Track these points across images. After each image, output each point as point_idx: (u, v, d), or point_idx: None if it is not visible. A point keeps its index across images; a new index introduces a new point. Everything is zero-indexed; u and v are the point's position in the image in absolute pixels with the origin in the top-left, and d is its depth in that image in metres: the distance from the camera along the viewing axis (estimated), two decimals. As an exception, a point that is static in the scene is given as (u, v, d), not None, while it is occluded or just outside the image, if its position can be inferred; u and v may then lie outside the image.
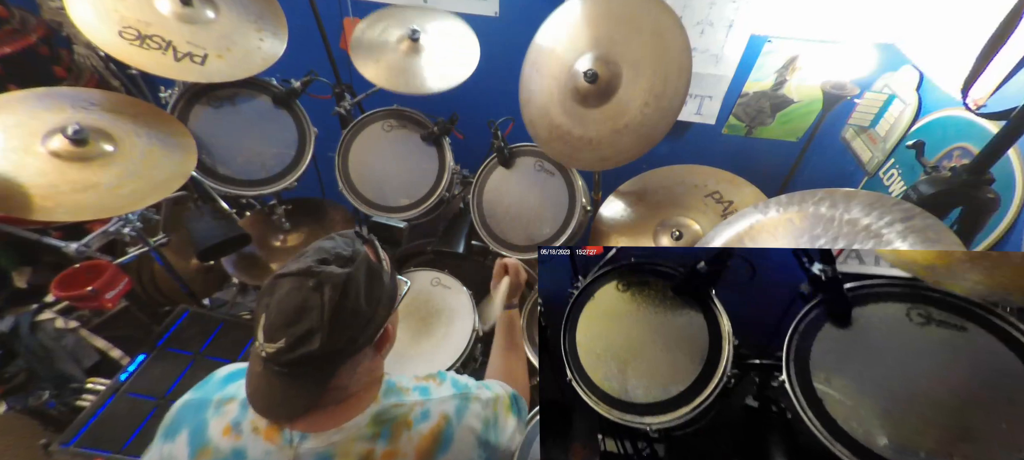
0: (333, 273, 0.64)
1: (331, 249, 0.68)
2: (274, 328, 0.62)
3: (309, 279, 0.63)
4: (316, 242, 0.70)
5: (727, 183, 1.45)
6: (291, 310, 0.62)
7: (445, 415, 0.75)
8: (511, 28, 1.93)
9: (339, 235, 0.73)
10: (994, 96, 1.06)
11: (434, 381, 0.81)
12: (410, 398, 0.75)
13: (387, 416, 0.72)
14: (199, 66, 1.32)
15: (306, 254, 0.67)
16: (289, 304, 0.62)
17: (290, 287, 0.63)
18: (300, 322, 0.61)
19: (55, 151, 1.10)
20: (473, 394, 0.81)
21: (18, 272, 1.81)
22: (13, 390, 1.32)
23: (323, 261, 0.65)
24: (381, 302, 0.71)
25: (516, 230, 1.60)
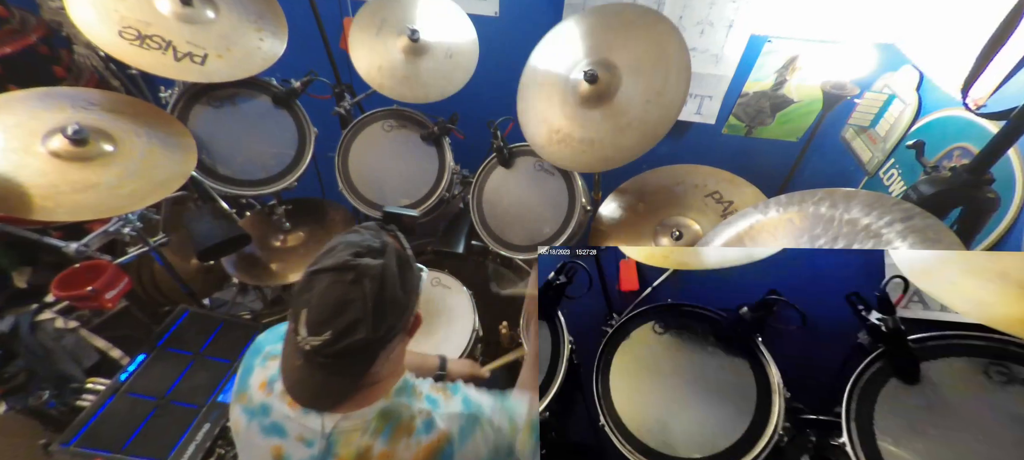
0: (370, 265, 0.66)
1: (361, 242, 0.69)
2: (318, 322, 0.63)
3: (347, 273, 0.64)
4: (341, 237, 0.71)
5: (727, 183, 1.44)
6: (334, 304, 0.64)
7: (447, 434, 0.73)
8: (511, 28, 1.93)
9: (364, 228, 0.74)
10: (994, 96, 1.06)
11: (445, 395, 0.80)
12: (419, 404, 0.75)
13: (393, 414, 0.72)
14: (199, 66, 1.32)
15: (336, 249, 0.68)
16: (331, 298, 0.64)
17: (330, 282, 0.64)
18: (343, 314, 0.63)
19: (55, 151, 1.10)
20: (485, 418, 0.78)
21: (18, 272, 1.81)
22: (13, 390, 1.32)
23: (357, 254, 0.67)
24: (414, 288, 0.74)
25: (516, 230, 1.60)
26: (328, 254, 0.68)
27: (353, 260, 0.66)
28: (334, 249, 0.69)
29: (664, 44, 1.32)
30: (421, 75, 1.58)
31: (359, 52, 1.59)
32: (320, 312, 0.64)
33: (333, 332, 0.63)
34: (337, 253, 0.67)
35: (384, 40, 1.60)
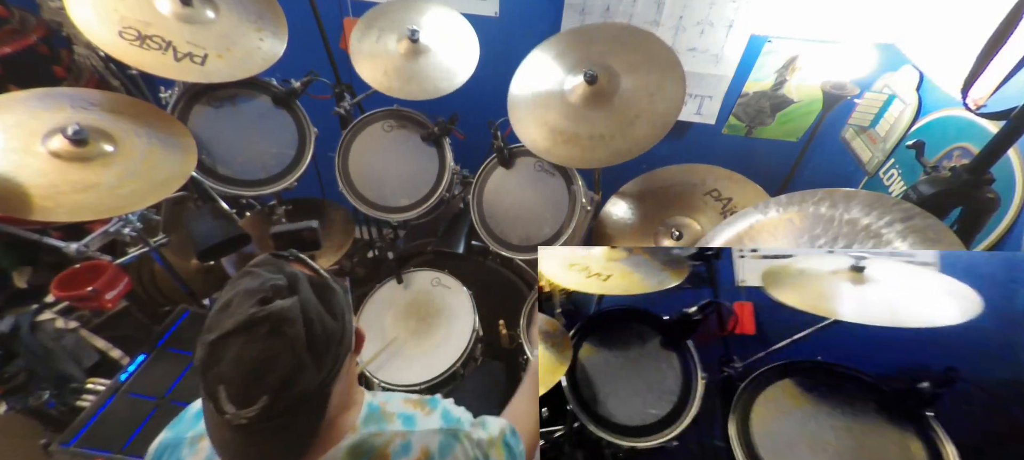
0: (282, 307, 0.56)
1: (262, 286, 0.57)
2: (246, 391, 0.54)
3: (260, 327, 0.54)
4: (233, 286, 0.59)
5: (725, 180, 1.45)
6: (256, 367, 0.54)
7: (427, 451, 0.69)
8: (511, 28, 1.93)
9: (259, 267, 0.62)
10: (994, 96, 1.06)
11: (423, 410, 0.75)
12: (392, 427, 0.70)
13: (365, 448, 0.66)
14: (199, 66, 1.32)
15: (232, 305, 0.56)
16: (249, 362, 0.54)
17: (241, 346, 0.54)
18: (274, 372, 0.54)
19: (55, 151, 1.10)
20: (464, 432, 0.74)
21: (18, 272, 1.81)
22: (13, 390, 1.32)
23: (263, 301, 0.56)
24: (343, 309, 0.65)
25: (516, 230, 1.60)
26: (224, 313, 0.56)
27: (260, 311, 0.55)
28: (230, 306, 0.56)
29: (649, 46, 1.39)
30: (424, 72, 1.58)
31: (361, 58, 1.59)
32: (243, 381, 0.54)
33: (270, 395, 0.54)
34: (236, 310, 0.55)
35: (384, 43, 1.60)
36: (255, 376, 0.54)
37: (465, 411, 0.80)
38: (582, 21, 1.89)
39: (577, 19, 1.89)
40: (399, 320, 1.61)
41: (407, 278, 1.70)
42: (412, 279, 1.70)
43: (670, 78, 1.33)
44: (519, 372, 1.63)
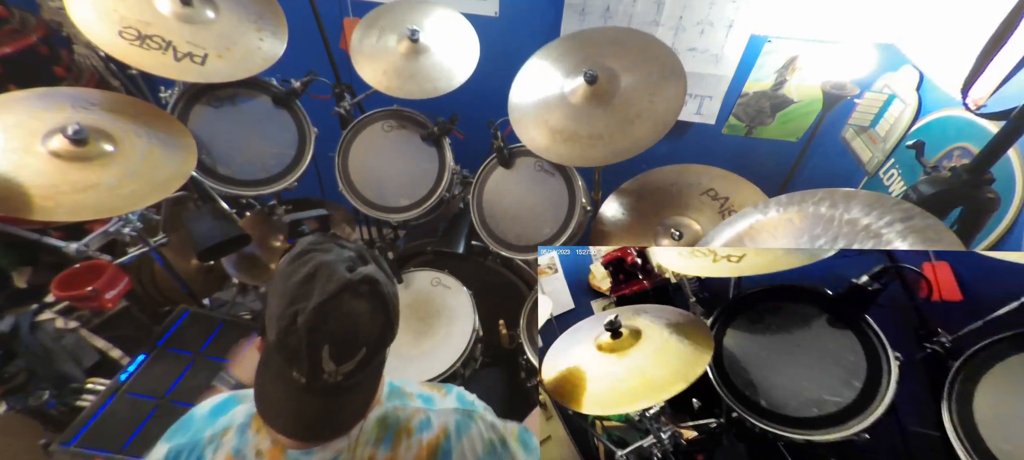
0: (372, 273, 0.63)
1: (342, 257, 0.63)
2: (350, 344, 0.60)
3: (360, 287, 0.61)
4: (311, 261, 0.62)
5: (721, 179, 1.45)
6: (360, 319, 0.61)
7: (445, 428, 0.73)
8: (511, 28, 1.93)
9: (321, 244, 0.66)
10: (994, 96, 1.06)
11: (440, 392, 0.79)
12: (413, 403, 0.74)
13: (391, 420, 0.71)
14: (199, 66, 1.32)
15: (318, 275, 0.60)
16: (356, 316, 0.60)
17: (347, 304, 0.60)
18: (373, 324, 0.62)
19: (55, 151, 1.10)
20: (478, 413, 0.78)
21: (18, 272, 1.81)
22: (13, 390, 1.31)
23: (351, 268, 0.62)
24: (393, 276, 0.71)
25: (516, 230, 1.60)
26: (312, 285, 0.59)
27: (357, 274, 0.61)
28: (315, 276, 0.60)
29: (648, 48, 1.39)
30: (424, 72, 1.58)
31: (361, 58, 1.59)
32: (349, 335, 0.60)
33: (368, 348, 0.61)
34: (329, 277, 0.60)
35: (384, 43, 1.60)
36: (359, 330, 0.61)
37: (476, 398, 0.83)
38: (582, 21, 1.89)
39: (577, 19, 1.89)
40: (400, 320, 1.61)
41: (407, 278, 1.70)
42: (412, 279, 1.70)
43: (671, 79, 1.34)
44: (519, 373, 1.63)
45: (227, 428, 0.70)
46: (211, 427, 0.71)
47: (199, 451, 0.69)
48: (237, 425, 0.69)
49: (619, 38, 1.47)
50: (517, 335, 1.57)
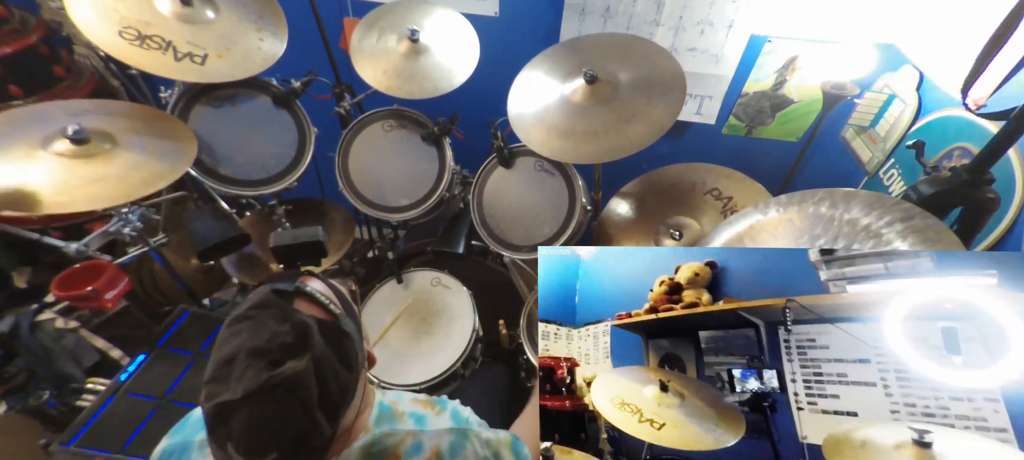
0: (296, 371, 0.53)
1: (271, 344, 0.54)
2: (256, 448, 0.53)
3: (273, 393, 0.52)
4: (239, 337, 0.56)
5: (725, 178, 1.45)
6: (270, 428, 0.53)
7: (438, 451, 0.69)
8: (511, 28, 1.93)
9: (259, 312, 0.58)
10: (994, 96, 1.06)
11: (433, 410, 0.76)
12: (403, 426, 0.71)
13: (377, 447, 0.67)
14: (199, 66, 1.32)
15: (236, 363, 0.54)
16: (264, 423, 0.53)
17: (252, 411, 0.52)
18: (286, 431, 0.53)
19: (59, 153, 1.12)
20: (473, 431, 0.74)
21: (18, 272, 1.81)
22: (13, 390, 1.32)
23: (273, 364, 0.53)
24: (358, 353, 0.63)
25: (516, 230, 1.60)
26: (229, 370, 0.54)
27: (273, 377, 0.52)
28: (234, 362, 0.54)
29: (647, 52, 1.41)
30: (424, 72, 1.58)
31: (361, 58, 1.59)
32: (254, 441, 0.52)
33: (280, 452, 0.53)
34: (244, 371, 0.53)
35: (384, 43, 1.61)
36: (266, 437, 0.53)
37: (471, 412, 0.81)
38: (582, 21, 1.89)
39: (577, 19, 1.89)
40: (399, 320, 1.61)
41: (407, 278, 1.70)
42: (412, 279, 1.70)
43: (669, 90, 1.35)
44: (519, 373, 1.63)
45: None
46: (200, 433, 0.71)
47: (189, 453, 0.69)
48: None
49: (620, 44, 1.47)
50: (517, 335, 1.57)
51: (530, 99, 1.49)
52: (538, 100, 1.47)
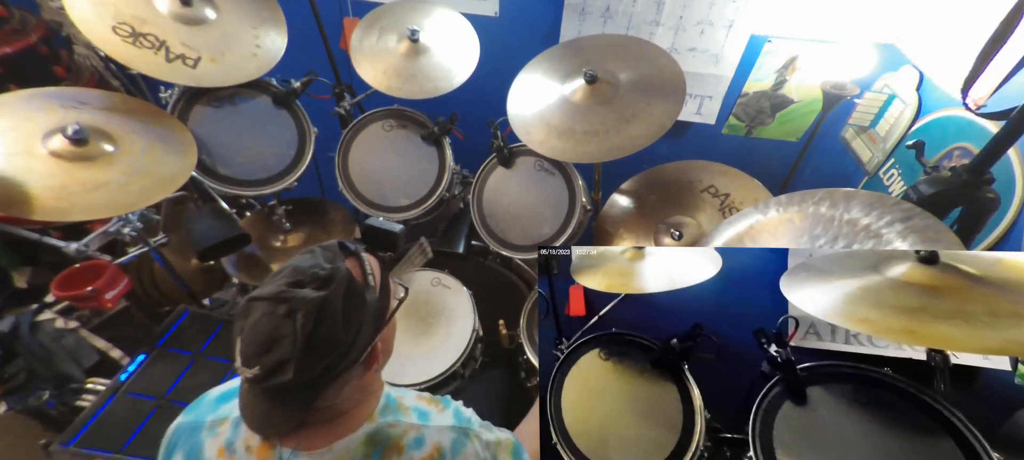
0: (306, 297, 0.59)
1: (308, 269, 0.62)
2: (248, 355, 0.59)
3: (280, 305, 0.59)
4: (294, 258, 0.65)
5: (721, 175, 1.45)
6: (263, 338, 0.58)
7: (439, 447, 0.71)
8: (511, 28, 1.93)
9: (321, 248, 0.67)
10: (994, 96, 1.06)
11: (437, 406, 0.78)
12: (407, 419, 0.73)
13: (381, 437, 0.69)
14: (190, 69, 1.31)
15: (281, 273, 0.63)
16: (261, 331, 0.58)
17: (262, 312, 0.59)
18: (272, 351, 0.58)
19: (56, 152, 1.10)
20: (474, 432, 0.76)
21: (18, 272, 1.81)
22: (13, 390, 1.32)
23: (297, 283, 0.60)
24: (363, 324, 0.65)
25: (516, 230, 1.60)
26: (272, 278, 0.63)
27: (288, 291, 0.59)
28: (280, 273, 0.63)
29: (646, 51, 1.41)
30: (424, 72, 1.58)
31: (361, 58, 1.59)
32: (250, 344, 0.59)
33: (260, 368, 0.58)
34: (278, 279, 0.61)
35: (384, 43, 1.60)
36: (256, 346, 0.59)
37: (473, 413, 0.82)
38: (582, 21, 1.89)
39: (577, 19, 1.89)
40: (399, 320, 1.60)
41: (407, 278, 1.70)
42: (412, 279, 1.70)
43: (671, 87, 1.35)
44: (519, 373, 1.63)
45: (226, 419, 0.71)
46: (214, 413, 0.73)
47: (199, 433, 0.72)
48: (233, 417, 0.70)
49: (617, 44, 1.47)
50: (517, 335, 1.57)
51: (530, 99, 1.48)
52: (538, 100, 1.47)
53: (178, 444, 0.72)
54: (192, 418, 0.74)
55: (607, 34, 1.86)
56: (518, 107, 1.48)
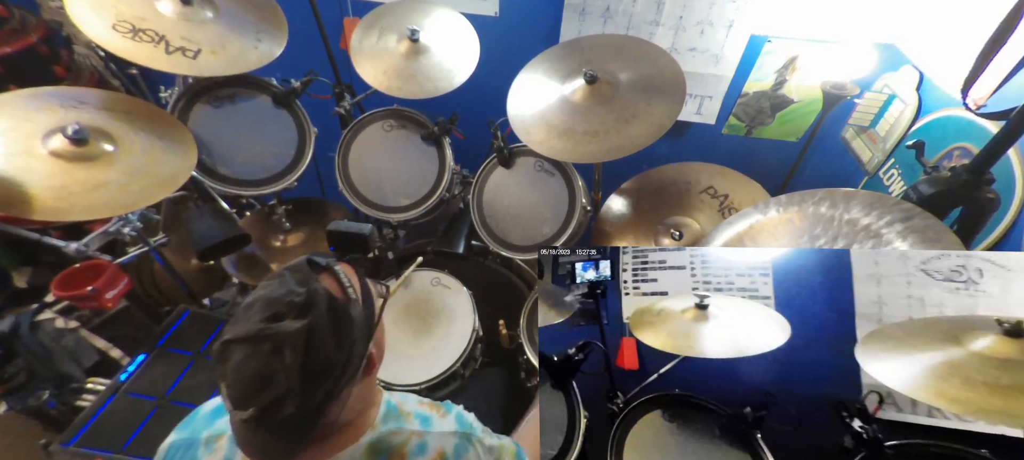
0: (288, 331, 0.56)
1: (282, 298, 0.58)
2: (239, 398, 0.56)
3: (263, 343, 0.55)
4: (262, 288, 0.61)
5: (719, 177, 1.45)
6: (252, 379, 0.55)
7: (442, 453, 0.71)
8: (511, 28, 1.93)
9: (289, 272, 0.63)
10: (994, 96, 1.06)
11: (438, 412, 0.77)
12: (409, 426, 0.72)
13: (383, 445, 0.68)
14: (190, 60, 1.30)
15: (252, 308, 0.58)
16: (247, 373, 0.55)
17: (244, 354, 0.56)
18: (266, 390, 0.55)
19: (56, 151, 1.10)
20: (477, 437, 0.76)
21: (18, 272, 1.81)
22: (13, 390, 1.32)
23: (274, 317, 0.57)
24: (355, 339, 0.63)
25: (516, 230, 1.60)
26: (243, 315, 0.58)
27: (267, 327, 0.56)
28: (251, 307, 0.58)
29: (648, 52, 1.40)
30: (424, 72, 1.58)
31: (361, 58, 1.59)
32: (239, 388, 0.56)
33: (256, 409, 0.55)
34: (250, 315, 0.57)
35: (384, 43, 1.60)
36: (248, 388, 0.56)
37: (475, 419, 0.81)
38: (582, 21, 1.89)
39: (577, 19, 1.89)
40: (399, 320, 1.61)
41: (407, 278, 1.70)
42: (412, 279, 1.70)
43: (671, 87, 1.35)
44: (519, 373, 1.63)
45: (222, 434, 0.70)
46: (209, 428, 0.72)
47: (195, 449, 0.70)
48: (230, 433, 0.68)
49: (619, 44, 1.47)
50: (517, 335, 1.57)
51: (530, 99, 1.48)
52: (538, 100, 1.47)
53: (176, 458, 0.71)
54: (186, 434, 0.73)
55: (607, 34, 1.86)
56: (519, 107, 1.48)
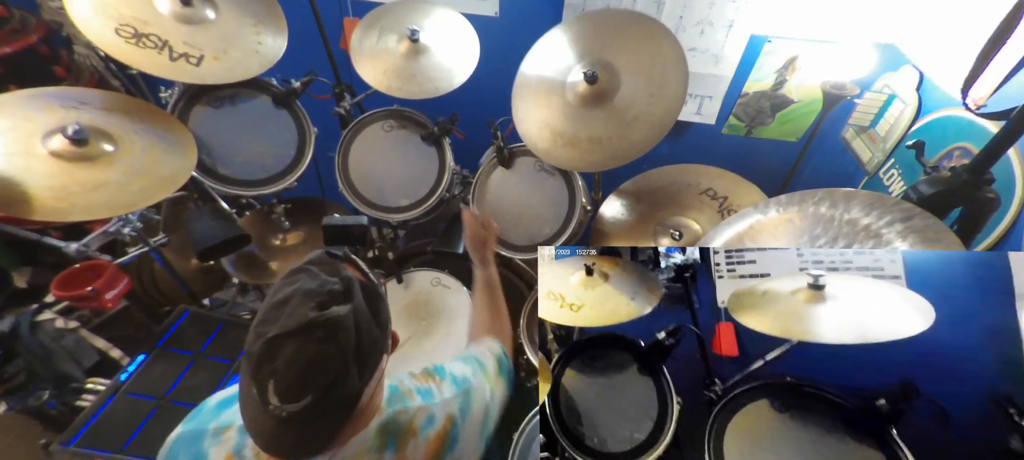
0: (340, 315, 0.59)
1: (321, 289, 0.60)
2: (295, 388, 0.56)
3: (316, 331, 0.57)
4: (291, 282, 0.62)
5: (719, 178, 1.45)
6: (309, 367, 0.57)
7: (451, 417, 0.75)
8: (511, 28, 1.93)
9: (315, 265, 0.65)
10: (994, 96, 1.06)
11: (434, 381, 0.81)
12: (414, 403, 0.75)
13: (393, 426, 0.71)
14: (194, 67, 1.31)
15: (291, 302, 0.59)
16: (304, 362, 0.57)
17: (297, 346, 0.57)
18: (323, 374, 0.57)
19: (56, 152, 1.10)
20: (473, 386, 0.82)
21: (18, 272, 1.81)
22: (13, 390, 1.31)
23: (321, 305, 0.59)
24: (387, 316, 0.68)
25: (516, 230, 1.60)
26: (281, 310, 0.58)
27: (320, 316, 0.57)
28: (288, 302, 0.59)
29: (657, 41, 1.36)
30: (424, 72, 1.58)
31: (361, 58, 1.59)
32: (294, 379, 0.56)
33: (315, 395, 0.56)
34: (295, 309, 0.58)
35: (384, 43, 1.61)
36: (306, 376, 0.56)
37: (462, 364, 0.87)
38: (582, 21, 1.88)
39: (577, 19, 1.88)
40: (399, 320, 1.61)
41: (407, 278, 1.70)
42: (412, 279, 1.70)
43: (673, 71, 1.34)
44: (519, 372, 1.63)
45: (230, 425, 0.71)
46: (216, 420, 0.73)
47: (202, 441, 0.71)
48: (238, 425, 0.69)
49: (624, 24, 1.44)
50: (517, 335, 1.57)
51: (537, 74, 1.49)
52: (539, 102, 1.46)
53: (179, 455, 0.71)
54: (193, 427, 0.73)
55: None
56: (525, 80, 1.49)
